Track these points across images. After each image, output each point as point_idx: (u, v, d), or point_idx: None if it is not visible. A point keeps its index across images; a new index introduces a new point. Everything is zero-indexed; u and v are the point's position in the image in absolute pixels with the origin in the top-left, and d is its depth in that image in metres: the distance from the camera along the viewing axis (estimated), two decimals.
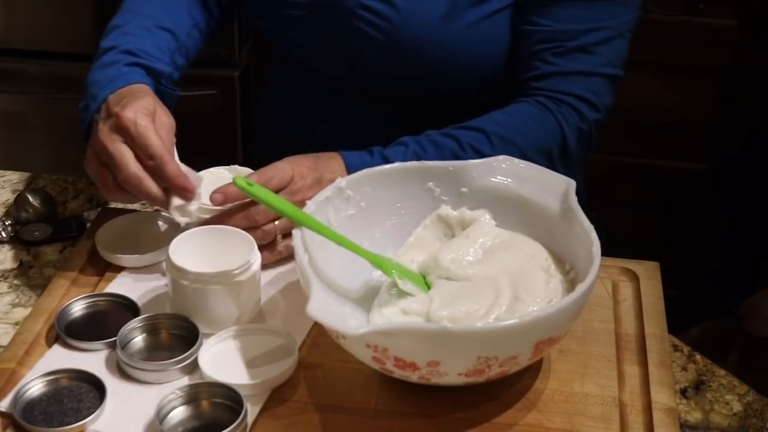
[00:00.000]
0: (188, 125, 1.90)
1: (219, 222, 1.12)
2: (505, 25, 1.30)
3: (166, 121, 1.14)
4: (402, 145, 1.23)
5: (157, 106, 1.14)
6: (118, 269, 1.17)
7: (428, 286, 1.07)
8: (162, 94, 1.23)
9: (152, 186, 1.09)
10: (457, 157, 1.21)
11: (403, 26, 1.27)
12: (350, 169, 1.17)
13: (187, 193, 1.10)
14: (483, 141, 1.23)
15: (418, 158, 1.20)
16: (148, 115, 1.11)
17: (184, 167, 1.11)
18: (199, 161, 1.17)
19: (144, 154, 1.09)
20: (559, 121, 1.27)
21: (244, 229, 1.10)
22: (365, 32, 1.29)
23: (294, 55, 1.41)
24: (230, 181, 1.08)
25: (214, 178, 1.18)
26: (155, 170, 1.09)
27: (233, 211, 1.12)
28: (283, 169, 1.15)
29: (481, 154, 1.21)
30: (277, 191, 1.12)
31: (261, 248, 1.10)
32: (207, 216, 1.13)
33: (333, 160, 1.19)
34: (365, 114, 1.38)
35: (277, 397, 1.00)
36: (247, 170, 1.17)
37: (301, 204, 1.07)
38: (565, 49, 1.27)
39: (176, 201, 1.10)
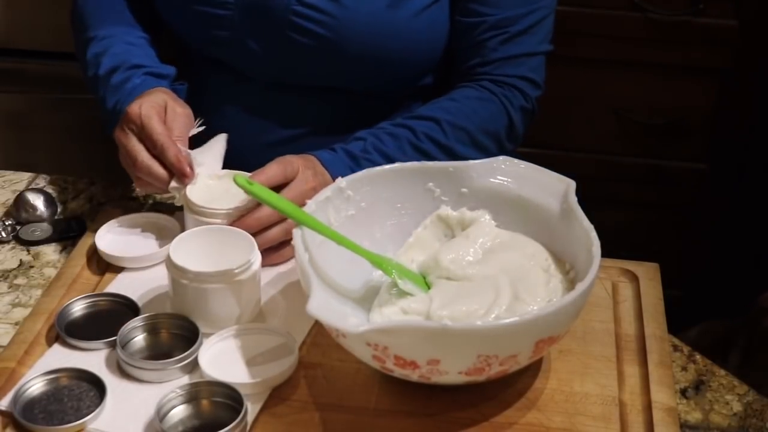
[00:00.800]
0: None
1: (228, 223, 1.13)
2: (444, 14, 1.33)
3: (180, 110, 1.21)
4: (360, 140, 1.26)
5: (168, 99, 1.21)
6: (118, 269, 1.17)
7: (428, 286, 1.07)
8: (175, 91, 1.28)
9: (161, 171, 1.16)
10: (413, 146, 1.27)
11: (345, 21, 1.27)
12: (329, 170, 1.20)
13: (184, 177, 1.15)
14: (436, 129, 1.28)
15: (377, 150, 1.24)
16: (154, 107, 1.18)
17: (194, 152, 1.18)
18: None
19: (149, 143, 1.17)
20: (504, 104, 1.32)
21: (252, 232, 1.11)
22: (304, 28, 1.28)
23: (216, 55, 1.38)
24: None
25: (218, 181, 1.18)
26: (159, 156, 1.16)
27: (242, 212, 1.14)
28: (290, 161, 1.16)
29: (435, 142, 1.27)
30: (288, 182, 1.15)
31: (266, 251, 1.13)
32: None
33: (315, 163, 1.21)
34: (300, 111, 1.37)
35: (277, 396, 1.00)
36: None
37: (312, 193, 1.10)
38: (510, 35, 1.32)
39: (173, 183, 1.16)
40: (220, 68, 1.37)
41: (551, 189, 1.10)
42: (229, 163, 1.22)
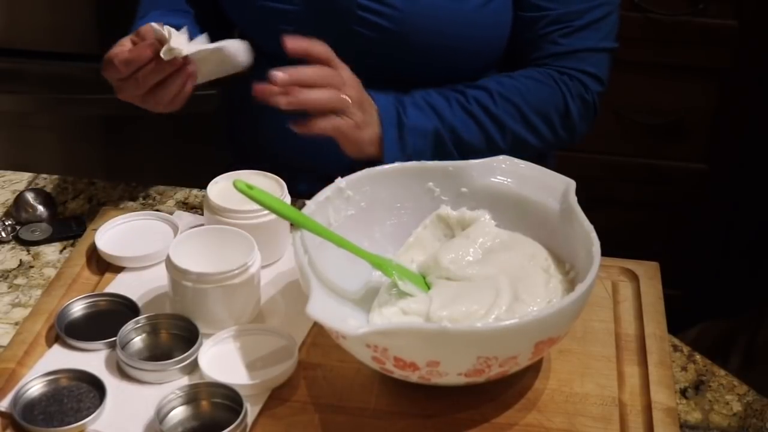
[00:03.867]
0: (188, 125, 1.90)
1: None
2: (507, 7, 1.33)
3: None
4: (410, 95, 1.28)
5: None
6: (118, 269, 1.17)
7: (428, 287, 1.07)
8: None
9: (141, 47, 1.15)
10: (461, 105, 1.28)
11: (411, 13, 1.28)
12: (373, 97, 1.23)
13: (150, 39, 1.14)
14: (486, 97, 1.30)
15: (425, 99, 1.27)
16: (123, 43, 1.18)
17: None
18: (199, 160, 1.17)
19: (130, 63, 1.15)
20: (561, 90, 1.33)
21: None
22: (370, 21, 1.29)
23: (279, 50, 1.37)
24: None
25: None
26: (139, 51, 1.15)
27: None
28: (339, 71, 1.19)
29: (484, 107, 1.29)
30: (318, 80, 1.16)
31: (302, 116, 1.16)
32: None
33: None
34: None
35: (276, 397, 1.00)
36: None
37: (340, 100, 1.15)
38: (573, 29, 1.33)
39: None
40: (282, 64, 1.37)
41: (551, 189, 1.09)
42: (282, 159, 1.22)
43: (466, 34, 1.31)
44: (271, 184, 1.16)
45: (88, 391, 0.99)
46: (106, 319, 1.08)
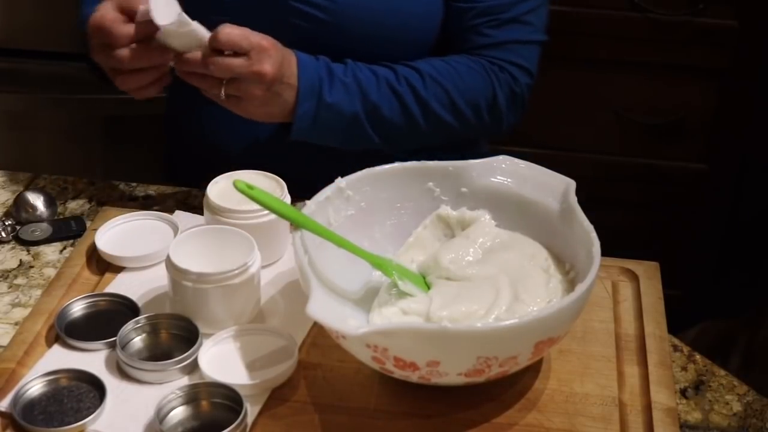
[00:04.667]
0: None
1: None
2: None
3: None
4: (343, 64, 1.28)
5: None
6: (118, 269, 1.17)
7: (428, 287, 1.07)
8: None
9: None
10: (389, 85, 1.29)
11: (345, 3, 1.29)
12: (300, 68, 1.22)
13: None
14: (417, 78, 1.30)
15: (354, 76, 1.27)
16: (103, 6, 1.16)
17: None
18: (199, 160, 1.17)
19: (113, 40, 1.15)
20: (491, 78, 1.33)
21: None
22: (304, 12, 1.29)
23: None
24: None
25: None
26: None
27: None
28: (261, 40, 1.17)
29: (413, 89, 1.29)
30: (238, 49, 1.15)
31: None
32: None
33: (292, 58, 1.22)
34: None
35: (276, 397, 1.00)
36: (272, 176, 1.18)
37: (258, 74, 1.13)
38: (500, 21, 1.34)
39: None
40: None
41: (551, 189, 1.09)
42: (220, 156, 1.20)
43: (399, 23, 1.32)
44: (271, 184, 1.16)
45: (88, 391, 0.99)
46: (106, 319, 1.08)
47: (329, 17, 1.29)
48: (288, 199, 1.16)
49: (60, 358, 1.04)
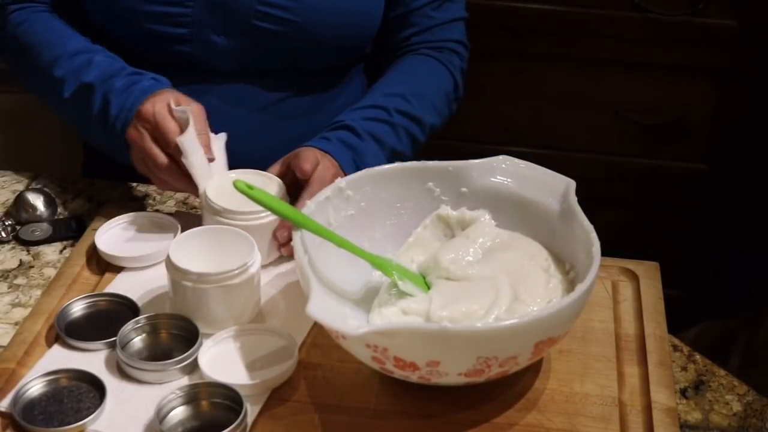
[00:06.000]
0: None
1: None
2: None
3: (195, 108, 1.18)
4: (359, 139, 1.29)
5: (180, 96, 1.20)
6: (118, 269, 1.17)
7: (428, 287, 1.07)
8: None
9: (181, 173, 1.17)
10: (406, 131, 1.34)
11: (310, 2, 1.31)
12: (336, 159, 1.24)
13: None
14: (404, 103, 1.35)
15: (372, 137, 1.30)
16: (165, 107, 1.18)
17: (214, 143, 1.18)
18: None
19: (163, 143, 1.17)
20: (448, 67, 1.43)
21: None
22: (270, 15, 1.31)
23: (172, 55, 1.35)
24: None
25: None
26: (174, 155, 1.16)
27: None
28: (308, 154, 1.19)
29: (405, 114, 1.34)
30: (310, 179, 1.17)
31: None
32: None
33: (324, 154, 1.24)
34: (259, 97, 1.39)
35: (276, 397, 1.00)
36: (272, 176, 1.18)
37: (334, 179, 1.13)
38: (441, 2, 1.43)
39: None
40: (174, 69, 1.33)
41: (551, 189, 1.09)
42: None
43: (357, 15, 1.36)
44: (271, 184, 1.16)
45: (88, 391, 0.99)
46: (106, 319, 1.08)
47: (295, 17, 1.31)
48: (288, 199, 1.16)
49: (60, 358, 1.04)
